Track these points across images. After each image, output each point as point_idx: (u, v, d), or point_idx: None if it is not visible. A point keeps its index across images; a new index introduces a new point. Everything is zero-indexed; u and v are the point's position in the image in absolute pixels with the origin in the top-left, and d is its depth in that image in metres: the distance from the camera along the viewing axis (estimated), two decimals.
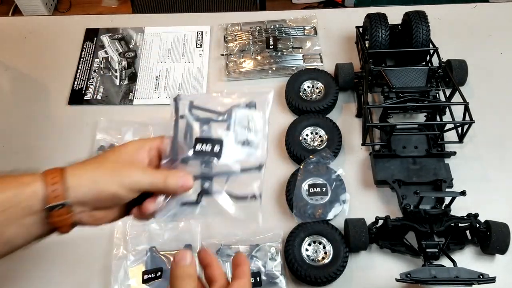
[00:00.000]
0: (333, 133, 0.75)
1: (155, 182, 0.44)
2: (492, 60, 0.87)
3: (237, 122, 0.49)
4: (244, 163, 0.48)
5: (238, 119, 0.49)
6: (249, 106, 0.49)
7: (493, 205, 0.70)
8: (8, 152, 0.81)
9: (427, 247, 0.62)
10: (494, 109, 0.80)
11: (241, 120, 0.49)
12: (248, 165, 0.48)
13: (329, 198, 0.69)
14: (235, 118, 0.49)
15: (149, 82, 0.88)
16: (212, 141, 0.48)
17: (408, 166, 0.72)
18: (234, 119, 0.49)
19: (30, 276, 0.68)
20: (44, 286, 0.68)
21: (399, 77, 0.74)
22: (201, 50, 0.92)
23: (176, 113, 0.50)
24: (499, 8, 0.95)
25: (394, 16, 0.84)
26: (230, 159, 0.47)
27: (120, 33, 0.95)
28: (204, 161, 0.48)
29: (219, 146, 0.48)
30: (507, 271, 0.65)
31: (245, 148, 0.48)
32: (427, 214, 0.62)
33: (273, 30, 0.90)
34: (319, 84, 0.81)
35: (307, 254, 0.65)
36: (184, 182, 0.45)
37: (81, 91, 0.87)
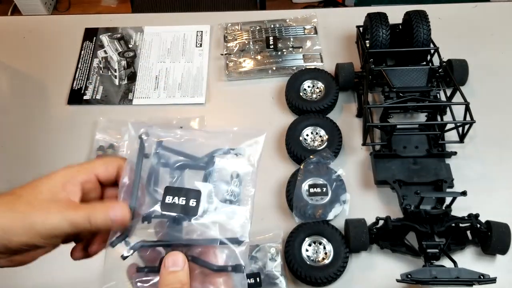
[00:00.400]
0: (333, 133, 0.75)
1: (77, 222, 0.36)
2: (493, 59, 0.86)
3: (219, 172, 0.39)
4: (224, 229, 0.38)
5: (220, 168, 0.39)
6: (235, 153, 0.40)
7: (494, 205, 0.70)
8: (7, 152, 0.81)
9: (427, 247, 0.62)
10: (495, 109, 0.80)
11: (224, 170, 0.39)
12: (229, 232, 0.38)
13: (329, 198, 0.69)
14: (216, 166, 0.39)
15: (148, 81, 0.88)
16: (187, 193, 0.38)
17: (408, 166, 0.71)
18: (215, 168, 0.39)
19: (28, 276, 0.68)
20: (43, 285, 0.67)
21: (400, 76, 0.74)
22: (201, 50, 0.91)
23: (140, 152, 0.39)
24: (500, 8, 0.95)
25: (395, 16, 0.83)
26: (208, 219, 0.38)
27: (119, 32, 0.95)
28: (174, 220, 0.37)
29: (196, 200, 0.38)
30: (508, 271, 0.65)
31: (226, 207, 0.39)
32: (428, 214, 0.62)
33: (273, 30, 0.89)
34: (319, 84, 0.81)
35: (307, 254, 0.65)
36: (116, 215, 0.37)
37: (81, 91, 0.87)
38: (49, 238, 0.36)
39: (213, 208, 0.38)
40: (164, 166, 0.40)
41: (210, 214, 0.38)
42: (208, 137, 0.41)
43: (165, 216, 0.38)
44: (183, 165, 0.40)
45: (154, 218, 0.38)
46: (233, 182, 0.40)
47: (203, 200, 0.38)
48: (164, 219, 0.38)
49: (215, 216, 0.38)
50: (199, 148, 0.40)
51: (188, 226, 0.38)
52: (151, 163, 0.39)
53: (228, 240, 0.38)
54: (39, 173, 0.40)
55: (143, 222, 0.38)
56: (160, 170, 0.40)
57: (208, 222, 0.37)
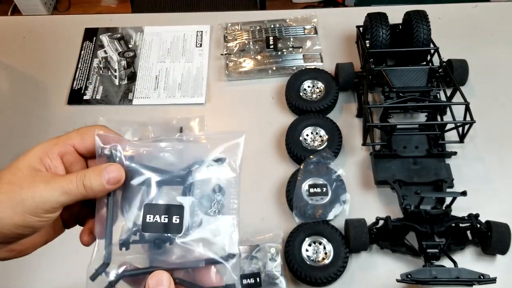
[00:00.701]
0: (333, 133, 0.75)
1: (70, 189, 0.34)
2: (493, 59, 0.86)
3: (200, 185, 0.36)
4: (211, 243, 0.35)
5: (201, 180, 0.36)
6: (216, 162, 0.37)
7: (494, 205, 0.70)
8: (7, 152, 0.81)
9: (427, 247, 0.62)
10: (495, 109, 0.80)
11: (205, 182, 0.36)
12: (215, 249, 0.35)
13: (329, 199, 0.69)
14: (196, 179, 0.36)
15: (148, 81, 0.88)
16: (168, 209, 0.34)
17: (408, 166, 0.71)
18: (195, 181, 0.36)
19: (27, 275, 0.68)
20: (43, 285, 0.67)
21: (400, 76, 0.74)
22: (201, 50, 0.91)
23: None
24: (500, 8, 0.95)
25: (395, 16, 0.83)
26: (193, 236, 0.35)
27: (119, 32, 0.95)
28: (155, 242, 0.34)
29: (179, 216, 0.34)
30: (508, 271, 0.65)
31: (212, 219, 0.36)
32: (428, 214, 0.62)
33: (273, 30, 0.89)
34: (319, 84, 0.81)
35: (307, 254, 0.65)
36: (110, 175, 0.35)
37: (80, 91, 0.87)
38: (42, 213, 0.34)
39: (198, 223, 0.35)
40: (138, 183, 0.36)
41: (195, 230, 0.35)
42: (183, 147, 0.37)
43: (145, 239, 0.34)
44: (159, 181, 0.36)
45: (133, 243, 0.35)
46: (216, 193, 0.37)
47: (186, 215, 0.35)
48: (145, 243, 0.35)
49: (201, 230, 0.35)
50: (176, 159, 0.37)
51: (171, 248, 0.35)
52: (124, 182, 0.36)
53: (216, 256, 0.35)
54: None
55: (121, 249, 0.35)
56: (134, 189, 0.36)
57: (194, 239, 0.35)
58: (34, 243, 0.38)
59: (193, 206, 0.36)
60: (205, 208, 0.36)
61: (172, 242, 0.34)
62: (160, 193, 0.36)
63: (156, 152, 0.37)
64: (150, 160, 0.37)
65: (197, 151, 0.37)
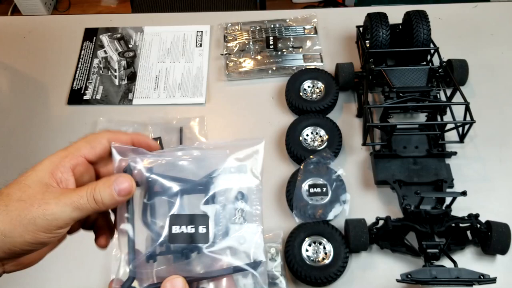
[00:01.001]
0: (333, 133, 0.75)
1: (82, 204, 0.34)
2: (493, 59, 0.86)
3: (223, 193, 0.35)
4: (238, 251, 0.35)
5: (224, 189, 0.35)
6: (238, 170, 0.36)
7: (494, 205, 0.70)
8: (7, 152, 0.81)
9: (427, 247, 0.62)
10: (495, 109, 0.80)
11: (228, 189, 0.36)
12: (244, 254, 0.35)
13: (329, 199, 0.69)
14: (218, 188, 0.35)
15: (148, 81, 0.88)
16: (194, 219, 0.34)
17: (408, 166, 0.71)
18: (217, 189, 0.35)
19: (29, 276, 0.68)
20: (43, 286, 0.67)
21: (400, 76, 0.74)
22: (201, 50, 0.91)
23: None
24: (500, 8, 0.95)
25: (395, 16, 0.83)
26: (220, 245, 0.34)
27: (119, 32, 0.95)
28: (184, 252, 0.34)
29: (205, 225, 0.34)
30: (508, 271, 0.65)
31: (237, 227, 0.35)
32: (428, 214, 0.62)
33: (273, 30, 0.89)
34: (319, 84, 0.81)
35: (307, 254, 0.65)
36: (121, 185, 0.34)
37: (80, 91, 0.87)
38: (54, 230, 0.34)
39: (223, 231, 0.35)
40: (159, 194, 0.35)
41: (221, 239, 0.35)
42: (204, 155, 0.36)
43: (171, 250, 0.34)
44: (181, 190, 0.35)
45: (159, 255, 0.34)
46: (239, 201, 0.36)
47: (211, 223, 0.34)
48: (167, 255, 0.34)
49: (227, 239, 0.35)
50: (195, 169, 0.36)
51: (198, 257, 0.34)
52: (143, 192, 0.36)
53: (244, 264, 0.35)
54: None
55: (148, 262, 0.34)
56: (156, 199, 0.35)
57: (221, 248, 0.34)
58: (40, 254, 0.38)
59: (217, 214, 0.35)
60: (229, 216, 0.36)
61: (200, 251, 0.34)
62: (182, 203, 0.35)
63: (175, 161, 0.36)
64: (169, 170, 0.36)
65: (217, 159, 0.36)
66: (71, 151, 0.37)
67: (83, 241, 0.61)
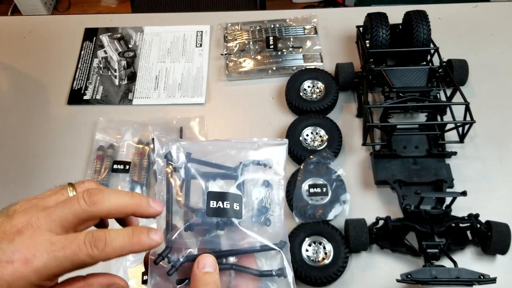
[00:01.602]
0: (333, 133, 0.75)
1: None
2: (493, 59, 0.86)
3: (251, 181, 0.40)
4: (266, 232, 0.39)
5: (251, 177, 0.40)
6: (263, 164, 0.41)
7: (494, 205, 0.70)
8: (7, 152, 0.81)
9: (427, 247, 0.62)
10: (495, 109, 0.80)
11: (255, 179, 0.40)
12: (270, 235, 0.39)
13: (329, 199, 0.69)
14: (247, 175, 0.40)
15: (148, 81, 0.88)
16: (229, 197, 0.38)
17: (408, 166, 0.71)
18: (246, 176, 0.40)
19: None
20: None
21: (400, 76, 0.74)
22: (201, 50, 0.91)
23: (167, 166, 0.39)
24: (500, 8, 0.95)
25: (395, 16, 0.83)
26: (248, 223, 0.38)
27: (119, 32, 0.95)
28: (220, 223, 0.38)
29: (239, 204, 0.38)
30: (508, 271, 0.65)
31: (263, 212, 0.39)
32: (428, 214, 0.62)
33: (273, 30, 0.89)
34: (319, 84, 0.81)
35: (307, 254, 0.65)
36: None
37: (80, 91, 0.87)
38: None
39: (251, 214, 0.39)
40: (194, 177, 0.40)
41: (250, 220, 0.39)
42: (235, 147, 0.41)
43: (207, 223, 0.37)
44: (213, 175, 0.40)
45: (196, 226, 0.38)
46: (265, 189, 0.40)
47: (243, 205, 0.38)
48: (203, 227, 0.38)
49: (254, 222, 0.39)
50: (226, 158, 0.40)
51: (229, 232, 0.38)
52: (182, 176, 0.39)
53: (270, 243, 0.38)
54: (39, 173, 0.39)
55: (186, 231, 0.38)
56: (191, 182, 0.40)
57: (250, 226, 0.38)
58: None
59: (247, 197, 0.39)
60: (257, 200, 0.40)
61: (232, 224, 0.37)
62: (217, 185, 0.39)
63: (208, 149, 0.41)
64: (203, 156, 0.40)
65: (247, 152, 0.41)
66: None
67: None
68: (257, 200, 0.40)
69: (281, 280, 0.38)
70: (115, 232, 0.34)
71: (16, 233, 0.32)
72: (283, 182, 0.41)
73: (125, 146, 0.78)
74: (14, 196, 0.37)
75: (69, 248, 0.32)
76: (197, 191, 0.39)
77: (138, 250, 0.35)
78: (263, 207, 0.40)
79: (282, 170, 0.41)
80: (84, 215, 0.34)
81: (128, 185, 0.74)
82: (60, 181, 0.40)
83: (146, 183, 0.74)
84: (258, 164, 0.40)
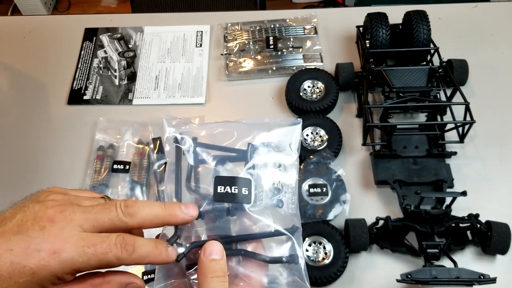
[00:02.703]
0: (333, 133, 0.75)
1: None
2: (493, 59, 0.86)
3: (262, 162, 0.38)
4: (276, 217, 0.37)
5: (263, 159, 0.38)
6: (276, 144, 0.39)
7: (494, 205, 0.70)
8: (7, 152, 0.81)
9: (427, 247, 0.62)
10: (495, 109, 0.80)
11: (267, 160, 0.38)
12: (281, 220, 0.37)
13: (329, 199, 0.69)
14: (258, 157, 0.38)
15: (148, 81, 0.88)
16: (237, 181, 0.36)
17: (408, 166, 0.71)
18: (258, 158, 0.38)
19: None
20: None
21: (400, 76, 0.74)
22: (201, 50, 0.91)
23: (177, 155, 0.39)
24: (500, 8, 0.95)
25: (395, 16, 0.83)
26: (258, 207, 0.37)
27: (119, 32, 0.95)
28: (230, 209, 0.36)
29: (248, 188, 0.36)
30: (508, 271, 0.65)
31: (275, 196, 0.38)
32: (428, 214, 0.62)
33: (273, 30, 0.89)
34: (320, 84, 0.81)
35: (307, 254, 0.65)
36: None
37: (80, 91, 0.87)
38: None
39: (263, 197, 0.37)
40: (203, 162, 0.38)
41: (261, 203, 0.37)
42: (244, 128, 0.39)
43: (217, 209, 0.36)
44: (222, 158, 0.38)
45: (206, 213, 0.37)
46: (277, 170, 0.39)
47: (253, 187, 0.36)
48: (213, 213, 0.37)
49: (265, 205, 0.37)
50: (235, 140, 0.39)
51: (239, 218, 0.37)
52: (189, 161, 0.38)
53: (282, 228, 0.37)
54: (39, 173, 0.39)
55: (196, 219, 0.37)
56: (200, 167, 0.38)
57: (261, 210, 0.36)
58: None
59: (258, 179, 0.37)
60: (268, 182, 0.38)
61: (243, 209, 0.36)
62: (226, 169, 0.38)
63: (219, 132, 0.40)
64: (213, 140, 0.39)
65: (257, 133, 0.39)
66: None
67: None
68: (269, 182, 0.38)
69: (291, 267, 0.37)
70: (143, 240, 0.35)
71: (48, 221, 0.33)
72: (297, 163, 0.39)
73: (125, 146, 0.78)
74: (14, 196, 0.37)
75: (100, 247, 0.33)
76: (207, 176, 0.38)
77: (159, 261, 0.35)
78: (275, 188, 0.38)
79: (296, 151, 0.39)
80: (119, 224, 0.35)
81: (128, 185, 0.74)
82: (60, 181, 0.40)
83: (146, 183, 0.74)
84: (268, 146, 0.39)
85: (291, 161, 0.39)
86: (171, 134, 0.39)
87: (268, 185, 0.38)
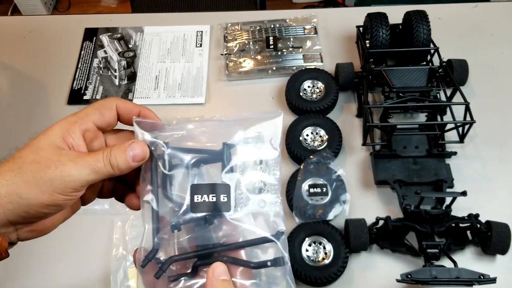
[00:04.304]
0: (333, 133, 0.75)
1: (99, 167, 0.35)
2: (493, 59, 0.86)
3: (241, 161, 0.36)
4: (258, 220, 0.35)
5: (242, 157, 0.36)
6: (256, 141, 0.37)
7: (494, 205, 0.70)
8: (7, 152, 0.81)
9: (427, 247, 0.62)
10: (495, 109, 0.80)
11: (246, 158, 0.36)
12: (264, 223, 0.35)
13: (329, 199, 0.69)
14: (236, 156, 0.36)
15: (148, 81, 0.88)
16: (215, 188, 0.34)
17: (408, 166, 0.71)
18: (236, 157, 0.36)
19: (29, 276, 0.68)
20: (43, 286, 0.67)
21: (400, 76, 0.74)
22: (201, 50, 0.91)
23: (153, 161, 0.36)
24: (500, 8, 0.95)
25: (395, 16, 0.83)
26: (241, 213, 0.35)
27: (119, 32, 0.95)
28: (207, 218, 0.34)
29: (226, 194, 0.35)
30: (508, 271, 0.65)
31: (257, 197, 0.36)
32: (428, 214, 0.62)
33: (273, 30, 0.89)
34: (319, 84, 0.81)
35: (307, 254, 0.65)
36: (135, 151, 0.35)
37: (80, 91, 0.87)
38: (70, 192, 0.34)
39: (244, 200, 0.36)
40: (179, 167, 0.36)
41: (243, 206, 0.35)
42: (220, 126, 0.37)
43: (194, 219, 0.34)
44: (198, 161, 0.36)
45: (183, 224, 0.35)
46: (258, 169, 0.37)
47: (233, 193, 0.35)
48: (191, 223, 0.35)
49: (248, 206, 0.36)
50: (212, 139, 0.37)
51: (219, 225, 0.35)
52: (161, 167, 0.36)
53: (266, 233, 0.35)
54: None
55: (173, 231, 0.35)
56: (175, 172, 0.36)
57: (243, 215, 0.35)
58: (54, 222, 0.37)
59: (238, 183, 0.36)
60: (249, 184, 0.36)
61: (222, 217, 0.34)
62: (202, 173, 0.36)
63: (193, 133, 0.37)
64: (188, 141, 0.37)
65: (235, 129, 0.37)
66: (80, 117, 0.37)
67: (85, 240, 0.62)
68: (250, 183, 0.36)
69: (277, 270, 0.36)
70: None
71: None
72: (280, 159, 0.37)
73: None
74: None
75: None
76: (183, 183, 0.36)
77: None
78: (257, 188, 0.36)
79: (277, 146, 0.37)
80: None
81: None
82: None
83: None
84: (249, 142, 0.36)
85: (273, 157, 0.37)
86: (143, 138, 0.37)
87: (248, 187, 0.36)
